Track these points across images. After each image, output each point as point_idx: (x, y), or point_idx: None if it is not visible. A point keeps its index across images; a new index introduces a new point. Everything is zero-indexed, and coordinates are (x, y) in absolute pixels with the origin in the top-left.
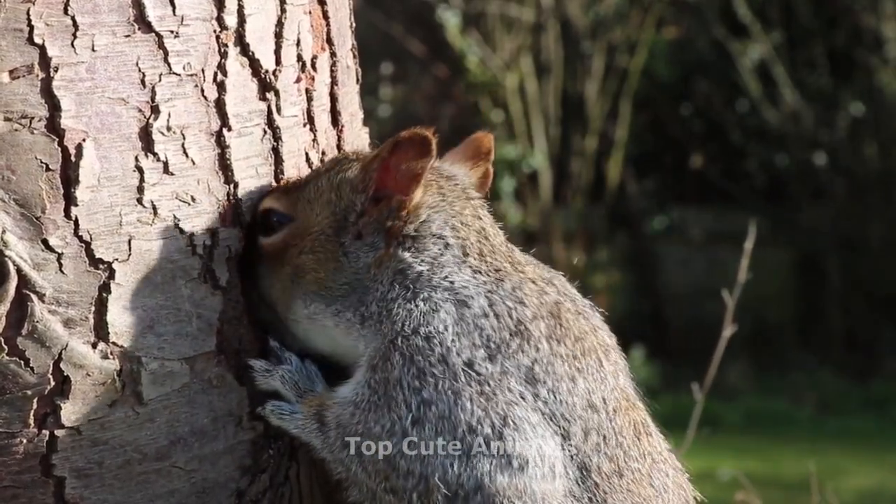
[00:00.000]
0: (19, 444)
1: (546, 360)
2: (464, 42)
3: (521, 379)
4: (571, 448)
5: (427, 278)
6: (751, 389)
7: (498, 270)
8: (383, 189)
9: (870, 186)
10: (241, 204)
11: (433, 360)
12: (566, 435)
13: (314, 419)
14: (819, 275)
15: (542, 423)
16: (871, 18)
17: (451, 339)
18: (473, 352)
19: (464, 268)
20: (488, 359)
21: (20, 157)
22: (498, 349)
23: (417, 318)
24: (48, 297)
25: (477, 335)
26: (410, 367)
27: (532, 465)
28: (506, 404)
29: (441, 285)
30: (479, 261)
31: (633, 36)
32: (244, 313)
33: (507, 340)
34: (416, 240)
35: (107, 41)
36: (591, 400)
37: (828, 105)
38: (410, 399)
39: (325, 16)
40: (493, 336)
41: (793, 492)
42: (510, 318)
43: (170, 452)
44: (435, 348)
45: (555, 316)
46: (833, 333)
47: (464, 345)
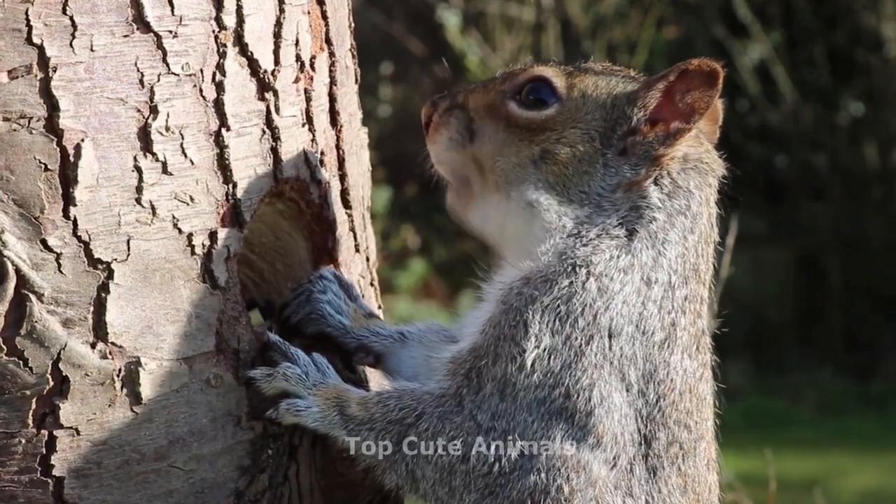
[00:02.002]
0: (18, 445)
1: (672, 367)
2: (464, 42)
3: (640, 372)
4: (649, 450)
5: (654, 231)
6: (751, 389)
7: (695, 270)
8: (660, 112)
9: (869, 186)
10: (239, 204)
11: (587, 312)
12: (650, 438)
13: (335, 410)
14: (819, 274)
15: (629, 417)
16: (871, 18)
17: (615, 304)
18: (623, 325)
19: (679, 244)
20: (630, 339)
21: (19, 157)
22: (643, 333)
23: (611, 267)
24: (47, 297)
25: (637, 313)
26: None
27: (602, 448)
28: (611, 386)
29: (655, 247)
30: (695, 245)
31: (634, 35)
32: (243, 313)
33: (655, 330)
34: (673, 183)
35: (105, 41)
36: (687, 420)
37: (828, 105)
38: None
39: (324, 16)
40: (648, 320)
41: (793, 492)
42: (668, 316)
43: (168, 452)
44: (597, 302)
45: (696, 339)
46: (833, 333)
47: (622, 312)
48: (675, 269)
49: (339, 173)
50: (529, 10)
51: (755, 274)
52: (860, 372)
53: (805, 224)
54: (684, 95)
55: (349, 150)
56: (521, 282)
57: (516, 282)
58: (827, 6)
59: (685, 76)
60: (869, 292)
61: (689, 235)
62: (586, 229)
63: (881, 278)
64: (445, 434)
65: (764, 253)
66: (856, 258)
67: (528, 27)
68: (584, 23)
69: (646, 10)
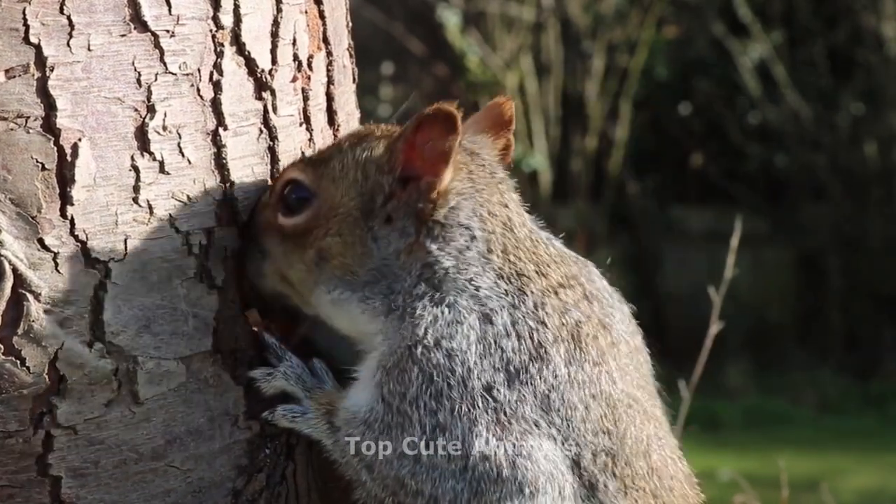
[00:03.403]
0: (15, 444)
1: (562, 388)
2: (464, 42)
3: (537, 406)
4: (580, 470)
5: (453, 277)
6: (751, 389)
7: (521, 275)
8: (410, 169)
9: (870, 186)
10: (237, 203)
11: (452, 381)
12: (577, 459)
13: (324, 419)
14: (819, 275)
15: (553, 450)
16: (871, 18)
17: (473, 361)
18: (493, 375)
19: (488, 269)
20: (507, 384)
21: (16, 157)
22: (517, 374)
23: (441, 329)
24: (44, 297)
25: (498, 357)
26: (429, 387)
27: (542, 493)
28: (520, 433)
29: (467, 290)
30: (503, 260)
31: (634, 35)
32: (240, 313)
33: (527, 365)
34: (444, 228)
35: (102, 41)
36: (604, 425)
37: (828, 105)
38: (426, 420)
39: (322, 15)
40: (513, 359)
41: (793, 492)
42: (531, 340)
43: (166, 452)
44: (456, 368)
45: (575, 339)
46: (833, 333)
47: (485, 367)
48: (502, 291)
49: None
50: (529, 9)
51: (755, 274)
52: (860, 372)
53: (805, 224)
54: (425, 147)
55: None
56: (382, 372)
57: (379, 371)
58: (827, 6)
59: (423, 126)
60: (869, 292)
61: (489, 256)
62: (393, 300)
63: (881, 278)
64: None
65: (764, 253)
66: (856, 258)
67: (528, 27)
68: (584, 23)
69: (646, 9)
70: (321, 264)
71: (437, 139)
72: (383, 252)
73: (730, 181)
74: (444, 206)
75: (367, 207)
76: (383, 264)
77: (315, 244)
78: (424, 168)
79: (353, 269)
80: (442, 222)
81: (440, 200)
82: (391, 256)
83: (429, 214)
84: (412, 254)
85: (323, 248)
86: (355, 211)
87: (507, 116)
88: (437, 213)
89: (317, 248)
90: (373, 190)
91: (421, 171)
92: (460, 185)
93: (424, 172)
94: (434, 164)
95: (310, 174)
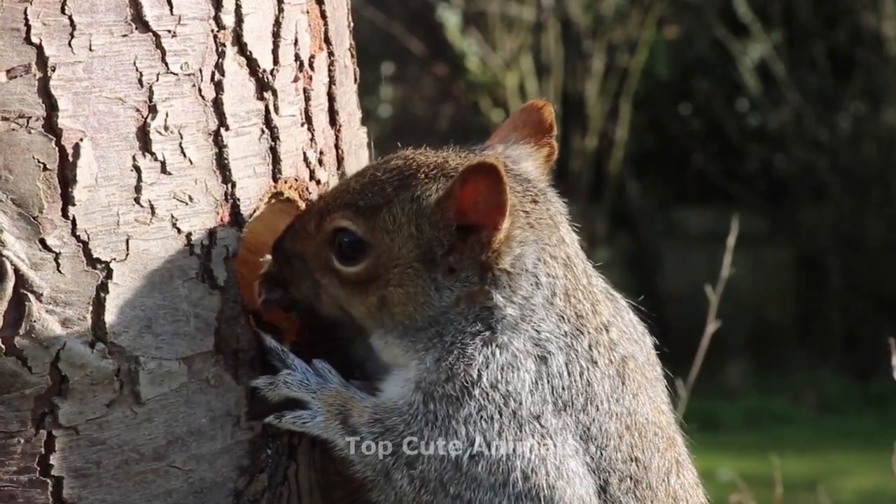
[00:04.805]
0: (17, 444)
1: (602, 420)
2: (464, 42)
3: (578, 435)
4: (606, 496)
5: (513, 323)
6: (751, 389)
7: (580, 317)
8: (466, 221)
9: (870, 186)
10: (238, 203)
11: (506, 412)
12: (605, 484)
13: (336, 419)
14: (819, 275)
15: (586, 475)
16: (871, 18)
17: (526, 397)
18: (543, 406)
19: (551, 314)
20: (554, 413)
21: (17, 157)
22: (565, 407)
23: (495, 373)
24: (46, 297)
25: (549, 391)
26: (482, 412)
27: None
28: (561, 457)
29: (527, 332)
30: (565, 303)
31: (634, 35)
32: (242, 313)
33: (574, 400)
34: (510, 276)
35: (104, 41)
36: (633, 453)
37: (828, 105)
38: (474, 435)
39: (323, 15)
40: (563, 394)
41: (793, 491)
42: (581, 378)
43: (167, 452)
44: (510, 404)
45: (620, 375)
46: (833, 333)
47: (535, 400)
48: (562, 332)
49: (339, 173)
50: (529, 9)
51: (755, 274)
52: (860, 372)
53: (805, 224)
54: (477, 202)
55: (348, 150)
56: (423, 394)
57: (415, 395)
58: (827, 6)
59: (467, 183)
60: (869, 292)
61: (553, 300)
62: (442, 340)
63: (881, 278)
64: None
65: (764, 253)
66: (856, 258)
67: (528, 27)
68: (585, 23)
69: (646, 9)
70: (383, 310)
71: (485, 193)
72: (445, 300)
73: (730, 181)
74: (508, 254)
75: (427, 258)
76: (441, 311)
77: (377, 293)
78: (480, 220)
79: (414, 316)
80: (508, 270)
81: (503, 248)
82: (451, 304)
83: (493, 264)
84: (473, 300)
85: (385, 296)
86: (416, 263)
87: (549, 123)
88: (501, 261)
89: (378, 296)
90: (430, 242)
91: (478, 223)
92: (521, 232)
93: (482, 224)
94: (490, 215)
95: (361, 225)
